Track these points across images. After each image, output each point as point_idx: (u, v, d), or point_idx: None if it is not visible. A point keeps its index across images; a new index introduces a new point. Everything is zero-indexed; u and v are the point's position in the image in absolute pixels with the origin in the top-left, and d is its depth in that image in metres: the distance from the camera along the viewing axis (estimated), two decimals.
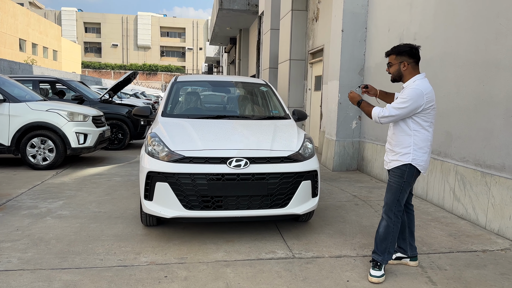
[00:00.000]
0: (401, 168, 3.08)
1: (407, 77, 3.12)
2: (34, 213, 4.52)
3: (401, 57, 3.11)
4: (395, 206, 3.11)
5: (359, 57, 7.33)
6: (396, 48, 3.14)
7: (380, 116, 3.04)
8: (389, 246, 3.14)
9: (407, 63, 3.10)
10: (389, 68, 3.18)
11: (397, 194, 3.10)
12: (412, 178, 3.10)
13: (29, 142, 6.99)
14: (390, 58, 3.17)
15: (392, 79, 3.21)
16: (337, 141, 7.44)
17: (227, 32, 22.95)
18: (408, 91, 2.99)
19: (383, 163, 6.51)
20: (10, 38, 34.37)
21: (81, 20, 72.19)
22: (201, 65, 66.16)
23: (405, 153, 3.06)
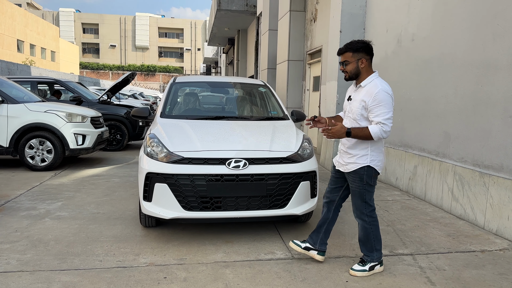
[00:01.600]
0: (359, 173, 3.05)
1: (364, 75, 3.06)
2: (32, 214, 4.51)
3: (359, 54, 3.04)
4: (365, 208, 3.13)
5: None
6: (352, 45, 3.06)
7: (385, 133, 2.94)
8: (374, 244, 3.17)
9: (365, 60, 3.05)
10: (344, 66, 3.07)
11: (363, 197, 3.10)
12: (372, 179, 3.09)
13: (28, 143, 6.98)
14: (345, 56, 3.06)
15: (347, 78, 3.11)
16: (336, 141, 7.44)
17: (225, 32, 22.96)
18: (379, 98, 2.92)
19: None
20: (8, 39, 34.31)
21: (79, 21, 72.09)
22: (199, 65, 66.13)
23: (363, 155, 3.05)
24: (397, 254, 3.59)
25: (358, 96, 3.04)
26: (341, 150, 3.19)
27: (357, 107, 3.02)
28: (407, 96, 5.91)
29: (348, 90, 3.26)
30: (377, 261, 3.21)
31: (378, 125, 2.92)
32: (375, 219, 3.17)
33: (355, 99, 3.07)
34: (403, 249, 3.72)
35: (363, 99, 2.98)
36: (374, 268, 3.19)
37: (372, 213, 3.15)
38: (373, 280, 3.08)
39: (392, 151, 6.30)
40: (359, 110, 3.01)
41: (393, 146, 6.32)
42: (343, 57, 3.07)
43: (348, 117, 3.14)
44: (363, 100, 2.97)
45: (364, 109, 2.99)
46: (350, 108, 3.12)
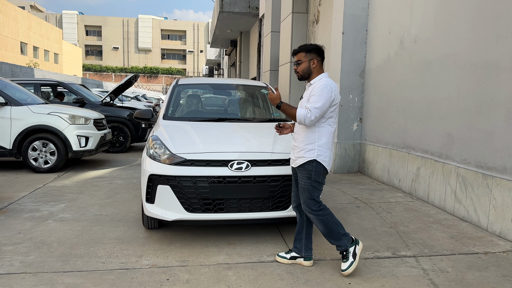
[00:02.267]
0: (307, 168, 3.13)
1: (314, 75, 3.20)
2: (36, 216, 4.53)
3: (311, 54, 3.19)
4: (313, 205, 3.17)
5: (360, 59, 7.34)
6: (305, 46, 3.23)
7: (307, 119, 3.04)
8: (338, 230, 3.21)
9: (316, 61, 3.19)
10: (297, 66, 3.22)
11: (311, 194, 3.15)
12: (321, 177, 3.15)
13: (31, 145, 7.01)
14: (298, 56, 3.20)
15: (300, 77, 3.25)
16: (338, 143, 7.44)
17: (227, 34, 22.99)
18: (318, 88, 3.07)
19: (384, 165, 6.53)
20: (11, 42, 34.48)
21: (82, 23, 72.36)
22: (202, 67, 66.27)
23: (310, 149, 3.13)
24: (400, 256, 3.58)
25: (306, 93, 3.20)
26: (294, 146, 3.27)
27: (304, 102, 3.17)
28: (410, 98, 5.90)
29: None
30: (352, 244, 3.23)
31: (305, 109, 3.04)
32: (326, 208, 3.21)
33: (305, 96, 3.22)
34: (406, 251, 3.71)
35: (308, 93, 3.16)
36: (356, 252, 3.21)
37: (322, 207, 3.20)
38: (376, 282, 3.07)
39: (394, 153, 6.29)
40: (304, 104, 3.14)
41: (396, 148, 6.31)
42: (296, 57, 3.22)
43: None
44: (308, 93, 3.15)
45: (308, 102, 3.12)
46: (300, 105, 3.23)
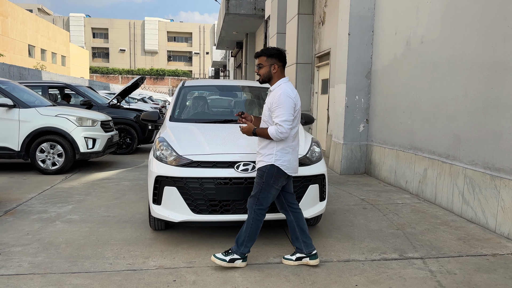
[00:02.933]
0: (262, 170, 3.23)
1: (275, 80, 3.27)
2: (44, 217, 4.56)
3: (272, 59, 3.25)
4: (255, 204, 3.24)
5: (366, 60, 7.32)
6: (267, 51, 3.27)
7: (281, 134, 3.11)
8: (246, 240, 3.26)
9: (277, 66, 3.25)
10: (259, 69, 3.27)
11: (258, 193, 3.23)
12: (272, 179, 3.20)
13: (39, 147, 7.07)
14: (260, 60, 3.26)
15: (261, 81, 3.31)
16: (345, 144, 7.43)
17: (233, 36, 23.04)
18: (278, 98, 3.13)
19: (391, 167, 6.50)
20: (19, 44, 34.80)
21: (89, 26, 72.88)
22: (207, 69, 66.41)
23: (269, 154, 3.22)
24: (407, 258, 3.56)
25: (268, 99, 3.28)
26: (257, 151, 3.36)
27: (266, 109, 3.26)
28: (417, 99, 5.88)
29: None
30: (241, 256, 3.29)
31: (276, 126, 3.13)
32: (260, 219, 3.27)
33: (266, 102, 3.29)
34: (413, 252, 3.69)
35: (270, 101, 3.22)
36: (235, 261, 3.27)
37: (260, 211, 3.25)
38: (383, 284, 3.06)
39: (401, 154, 6.27)
40: (266, 112, 3.25)
41: (402, 149, 6.28)
42: (258, 60, 3.28)
43: (262, 120, 3.35)
44: (270, 102, 3.21)
45: (270, 111, 3.21)
46: (263, 111, 3.33)
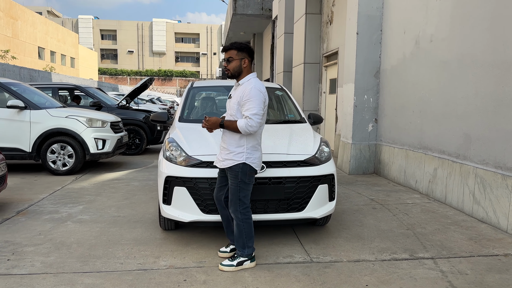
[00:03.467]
0: (234, 170, 3.19)
1: (244, 74, 3.24)
2: (55, 217, 4.61)
3: (242, 53, 3.21)
4: (238, 206, 3.22)
5: (375, 59, 7.29)
6: (237, 44, 3.23)
7: (250, 127, 3.09)
8: (246, 241, 3.29)
9: (247, 61, 3.23)
10: (228, 63, 3.21)
11: (237, 193, 3.21)
12: (247, 177, 3.22)
13: (50, 148, 7.15)
14: (230, 54, 3.21)
15: (230, 75, 3.25)
16: (353, 144, 7.40)
17: (241, 37, 23.06)
18: (249, 92, 3.11)
19: (400, 166, 6.47)
20: (29, 47, 35.17)
21: (98, 28, 73.42)
22: (215, 69, 66.53)
23: (239, 152, 3.18)
24: (418, 258, 3.54)
25: (236, 93, 3.25)
26: (221, 146, 3.31)
27: (234, 103, 3.22)
28: (426, 98, 5.84)
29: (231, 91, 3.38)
30: (247, 257, 3.30)
31: (245, 119, 3.09)
32: (249, 216, 3.27)
33: (234, 96, 3.27)
34: (423, 252, 3.67)
35: (239, 95, 3.19)
36: (243, 263, 3.28)
37: (246, 210, 3.25)
38: (393, 284, 3.05)
39: (411, 154, 6.23)
40: (235, 106, 3.20)
41: (412, 149, 6.24)
42: (227, 54, 3.22)
43: (227, 114, 3.31)
44: (239, 96, 3.18)
45: (239, 105, 3.17)
46: (229, 105, 3.29)
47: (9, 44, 30.99)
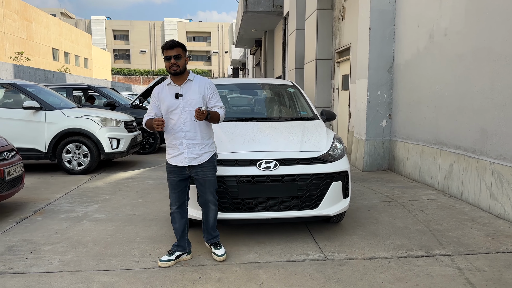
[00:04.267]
0: (212, 160, 3.38)
1: (186, 71, 3.36)
2: (71, 216, 4.68)
3: (185, 51, 3.30)
4: (215, 196, 3.43)
5: (388, 54, 7.21)
6: (180, 43, 3.30)
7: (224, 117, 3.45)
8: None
9: (187, 58, 3.35)
10: (177, 60, 3.22)
11: (215, 184, 3.42)
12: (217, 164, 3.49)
13: (65, 148, 7.25)
14: (178, 51, 3.23)
15: (178, 72, 3.26)
16: (367, 140, 7.34)
17: (252, 34, 23.03)
18: (210, 86, 3.37)
19: (415, 162, 6.39)
20: (44, 48, 35.70)
21: (110, 28, 74.13)
22: (227, 68, 66.60)
23: (211, 142, 3.42)
24: (434, 255, 3.50)
25: (192, 89, 3.30)
26: (189, 144, 3.28)
27: (197, 99, 3.28)
28: (441, 92, 5.75)
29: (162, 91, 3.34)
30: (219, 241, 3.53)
31: (221, 109, 3.38)
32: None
33: (190, 93, 3.29)
34: (440, 249, 3.62)
35: (200, 90, 3.31)
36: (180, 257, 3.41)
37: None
38: (410, 282, 3.01)
39: (426, 149, 6.15)
40: (200, 101, 3.28)
41: (427, 144, 6.16)
42: (176, 51, 3.22)
43: (187, 111, 3.26)
44: (202, 90, 3.32)
45: (204, 99, 3.31)
46: (186, 102, 3.27)
47: (24, 46, 31.51)
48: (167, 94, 3.31)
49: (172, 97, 3.28)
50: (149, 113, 3.40)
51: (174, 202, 3.38)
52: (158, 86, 3.39)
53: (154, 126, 3.21)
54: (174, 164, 3.31)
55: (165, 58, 3.24)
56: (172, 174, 3.34)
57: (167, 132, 3.33)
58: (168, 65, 3.24)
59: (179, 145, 3.28)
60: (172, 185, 3.35)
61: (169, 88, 3.32)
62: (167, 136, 3.35)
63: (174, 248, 3.41)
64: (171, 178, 3.35)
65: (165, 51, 3.23)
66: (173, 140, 3.30)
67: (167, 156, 3.38)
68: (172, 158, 3.32)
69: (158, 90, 3.36)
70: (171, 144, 3.32)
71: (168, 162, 3.36)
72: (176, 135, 3.28)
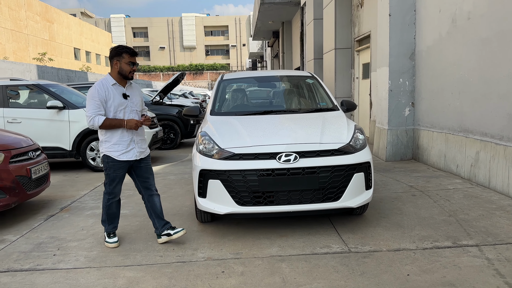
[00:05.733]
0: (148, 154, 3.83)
1: None
2: (96, 213, 4.77)
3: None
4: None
5: (409, 41, 7.03)
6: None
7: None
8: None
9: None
10: (134, 68, 3.55)
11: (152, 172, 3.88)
12: None
13: (89, 146, 7.38)
14: (135, 59, 3.56)
15: (131, 77, 3.57)
16: (389, 130, 7.20)
17: (269, 26, 22.86)
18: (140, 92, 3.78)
19: (440, 151, 6.23)
20: (65, 48, 36.42)
21: (129, 26, 74.98)
22: (245, 61, 66.53)
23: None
24: (462, 246, 3.41)
25: (134, 92, 3.67)
26: (138, 140, 3.65)
27: (139, 101, 3.71)
28: (465, 78, 5.57)
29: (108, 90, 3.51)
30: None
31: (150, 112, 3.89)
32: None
33: (134, 95, 3.65)
34: (467, 240, 3.52)
35: (139, 95, 3.75)
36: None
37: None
38: (436, 273, 2.95)
39: (451, 137, 5.98)
40: (141, 103, 3.74)
41: (452, 132, 6.00)
42: (137, 59, 3.59)
43: (133, 111, 3.61)
44: (140, 95, 3.76)
45: (142, 102, 3.79)
46: (133, 103, 3.61)
47: (46, 47, 32.22)
48: (115, 93, 3.53)
49: (120, 96, 3.54)
50: (98, 112, 3.47)
51: (118, 192, 3.74)
52: (101, 85, 3.51)
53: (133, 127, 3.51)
54: (125, 159, 3.57)
55: (129, 62, 3.49)
56: (121, 170, 3.60)
57: (115, 130, 3.52)
58: (129, 70, 3.51)
59: (130, 141, 3.58)
60: (120, 178, 3.66)
61: (115, 88, 3.54)
62: (114, 134, 3.53)
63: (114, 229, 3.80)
64: (119, 174, 3.62)
65: (129, 56, 3.49)
66: (123, 137, 3.55)
67: (113, 153, 3.54)
68: (123, 155, 3.56)
69: (104, 89, 3.49)
70: (121, 141, 3.54)
71: (117, 158, 3.54)
72: (127, 133, 3.56)
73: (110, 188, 3.65)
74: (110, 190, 3.66)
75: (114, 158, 3.54)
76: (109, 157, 3.55)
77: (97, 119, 3.43)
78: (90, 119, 3.43)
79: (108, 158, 3.56)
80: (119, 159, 3.54)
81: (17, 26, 28.75)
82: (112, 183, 3.63)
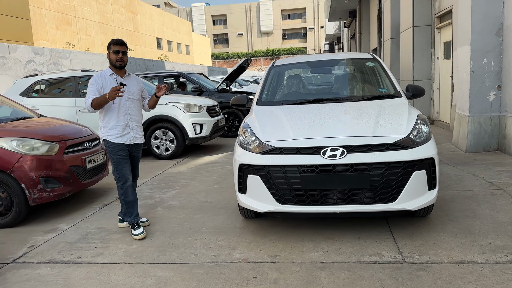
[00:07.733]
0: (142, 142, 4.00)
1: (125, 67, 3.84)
2: (148, 203, 4.80)
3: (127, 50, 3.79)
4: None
5: (496, 14, 6.06)
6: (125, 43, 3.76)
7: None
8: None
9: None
10: (123, 56, 3.70)
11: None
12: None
13: (153, 134, 7.55)
14: (124, 48, 3.71)
15: (123, 65, 3.73)
16: (471, 116, 6.34)
17: (345, 5, 21.73)
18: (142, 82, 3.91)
19: None
20: (148, 38, 38.31)
21: (209, 14, 76.80)
22: (322, 43, 64.83)
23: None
24: None
25: (132, 82, 3.85)
26: (134, 125, 3.83)
27: (137, 90, 3.89)
28: None
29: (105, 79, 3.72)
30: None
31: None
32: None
33: (131, 85, 3.83)
34: None
35: (138, 83, 3.92)
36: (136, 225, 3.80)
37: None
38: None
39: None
40: (139, 92, 3.92)
41: None
42: (123, 48, 3.71)
43: (130, 98, 3.80)
44: (139, 84, 3.94)
45: (141, 92, 3.96)
46: (129, 92, 3.79)
47: (131, 38, 34.14)
48: (112, 82, 3.72)
49: (116, 85, 3.66)
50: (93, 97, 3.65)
51: (128, 175, 3.80)
52: (99, 75, 3.73)
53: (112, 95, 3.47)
54: (120, 142, 3.74)
55: (113, 51, 3.67)
56: (121, 151, 3.75)
57: (111, 115, 3.71)
58: (115, 58, 3.68)
59: (125, 126, 3.76)
60: (124, 160, 3.76)
61: (112, 77, 3.75)
62: (110, 119, 3.72)
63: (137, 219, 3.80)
64: (121, 155, 3.75)
65: (113, 46, 3.67)
66: (119, 122, 3.73)
67: (110, 137, 3.72)
68: (118, 138, 3.73)
69: (102, 79, 3.71)
70: (117, 126, 3.73)
71: (113, 141, 3.72)
72: (123, 118, 3.75)
73: (117, 173, 3.76)
74: (118, 175, 3.76)
75: (111, 141, 3.74)
76: (107, 141, 3.75)
77: (88, 101, 3.62)
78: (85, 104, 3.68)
79: (107, 142, 3.76)
80: (115, 141, 3.73)
81: (104, 19, 30.78)
82: (118, 166, 3.76)
